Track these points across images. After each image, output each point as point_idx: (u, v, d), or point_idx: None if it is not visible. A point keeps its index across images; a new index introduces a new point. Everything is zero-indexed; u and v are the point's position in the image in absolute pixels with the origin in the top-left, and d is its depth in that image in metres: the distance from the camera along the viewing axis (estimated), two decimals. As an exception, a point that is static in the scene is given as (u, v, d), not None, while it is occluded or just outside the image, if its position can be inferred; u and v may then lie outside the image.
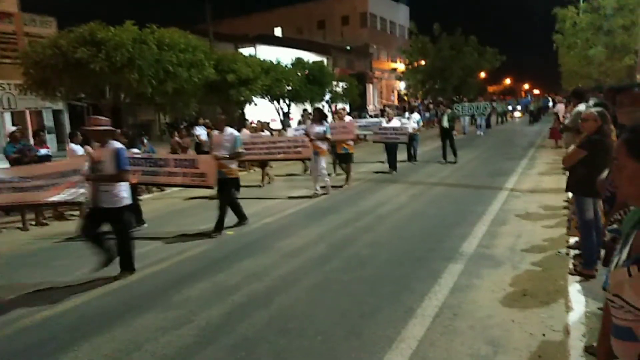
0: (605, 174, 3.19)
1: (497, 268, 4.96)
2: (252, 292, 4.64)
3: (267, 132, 12.55)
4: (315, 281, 4.86)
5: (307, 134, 9.47)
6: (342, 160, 10.62)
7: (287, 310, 4.17)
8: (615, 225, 1.51)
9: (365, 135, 15.21)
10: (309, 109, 17.64)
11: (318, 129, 9.28)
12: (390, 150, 12.00)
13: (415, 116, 13.79)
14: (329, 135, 9.34)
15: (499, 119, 29.88)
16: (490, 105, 31.96)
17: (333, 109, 22.89)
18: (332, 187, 9.71)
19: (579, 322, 3.56)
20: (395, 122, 12.23)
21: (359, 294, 4.44)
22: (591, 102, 5.12)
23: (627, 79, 14.17)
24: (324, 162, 9.46)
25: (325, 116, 9.59)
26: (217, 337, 3.74)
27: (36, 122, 18.55)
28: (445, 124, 13.33)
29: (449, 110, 13.90)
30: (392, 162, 11.93)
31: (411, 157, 13.55)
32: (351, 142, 10.46)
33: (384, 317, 3.90)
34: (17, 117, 17.88)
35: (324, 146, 9.37)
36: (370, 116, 23.36)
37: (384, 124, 12.35)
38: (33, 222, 8.27)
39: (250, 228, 7.16)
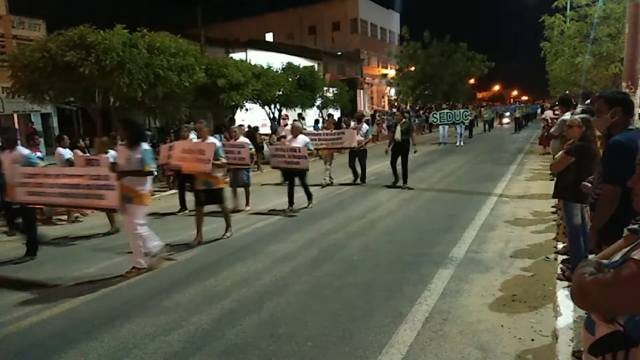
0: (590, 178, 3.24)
1: (486, 273, 5.00)
2: (242, 297, 4.62)
3: (111, 154, 7.77)
4: (306, 286, 4.86)
5: (113, 167, 5.50)
6: (208, 199, 6.81)
7: (277, 316, 4.15)
8: (636, 226, 1.60)
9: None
10: (306, 114, 16.34)
11: (128, 155, 5.46)
12: (289, 177, 8.99)
13: (364, 127, 11.38)
14: (151, 166, 5.50)
15: (486, 126, 29.09)
16: (477, 111, 31.94)
17: (325, 116, 20.81)
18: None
19: (567, 327, 3.59)
20: (299, 141, 8.68)
21: (350, 299, 4.44)
22: (579, 109, 5.20)
23: (613, 86, 14.38)
24: (140, 214, 5.51)
25: (142, 135, 5.79)
26: (206, 343, 3.71)
27: (24, 125, 18.35)
28: (398, 135, 10.44)
29: (404, 120, 10.71)
30: (291, 194, 8.65)
31: (357, 176, 11.37)
32: (219, 175, 6.76)
33: (375, 322, 3.91)
34: (5, 121, 17.69)
35: (141, 187, 5.45)
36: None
37: (287, 144, 8.98)
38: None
39: (240, 233, 7.13)
